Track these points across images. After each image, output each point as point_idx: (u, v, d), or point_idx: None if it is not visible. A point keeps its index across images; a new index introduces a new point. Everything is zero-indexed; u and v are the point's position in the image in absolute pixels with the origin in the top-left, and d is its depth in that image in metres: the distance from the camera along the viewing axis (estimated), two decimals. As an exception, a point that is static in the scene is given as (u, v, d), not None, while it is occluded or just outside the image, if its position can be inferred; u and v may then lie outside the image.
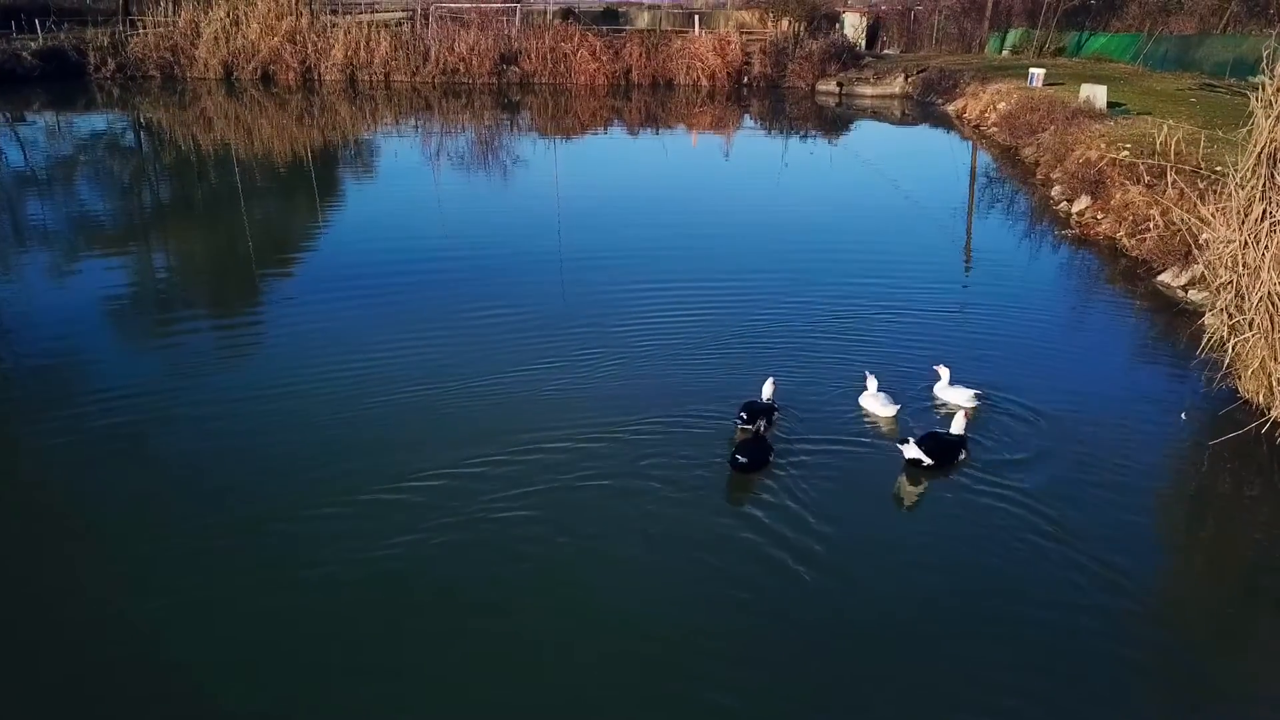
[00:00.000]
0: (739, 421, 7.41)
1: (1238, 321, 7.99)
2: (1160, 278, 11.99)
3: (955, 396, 8.19)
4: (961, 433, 7.29)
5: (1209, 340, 8.83)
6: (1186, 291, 11.31)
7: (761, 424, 7.27)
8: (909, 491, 6.95)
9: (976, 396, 8.15)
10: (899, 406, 8.00)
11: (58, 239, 14.06)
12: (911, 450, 6.93)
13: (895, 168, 21.91)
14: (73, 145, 23.65)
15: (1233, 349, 8.10)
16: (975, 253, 14.39)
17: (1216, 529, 6.90)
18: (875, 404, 7.97)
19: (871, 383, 8.10)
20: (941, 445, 7.09)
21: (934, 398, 8.38)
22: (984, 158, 23.29)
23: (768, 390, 7.78)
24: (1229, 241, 7.89)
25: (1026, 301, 11.53)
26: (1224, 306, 8.05)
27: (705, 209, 16.84)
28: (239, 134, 25.80)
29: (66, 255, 13.13)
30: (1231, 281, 7.87)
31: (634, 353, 9.34)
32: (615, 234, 14.76)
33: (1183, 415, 8.35)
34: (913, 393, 8.49)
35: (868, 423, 7.94)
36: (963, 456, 7.24)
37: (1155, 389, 9.00)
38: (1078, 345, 10.20)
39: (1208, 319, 9.86)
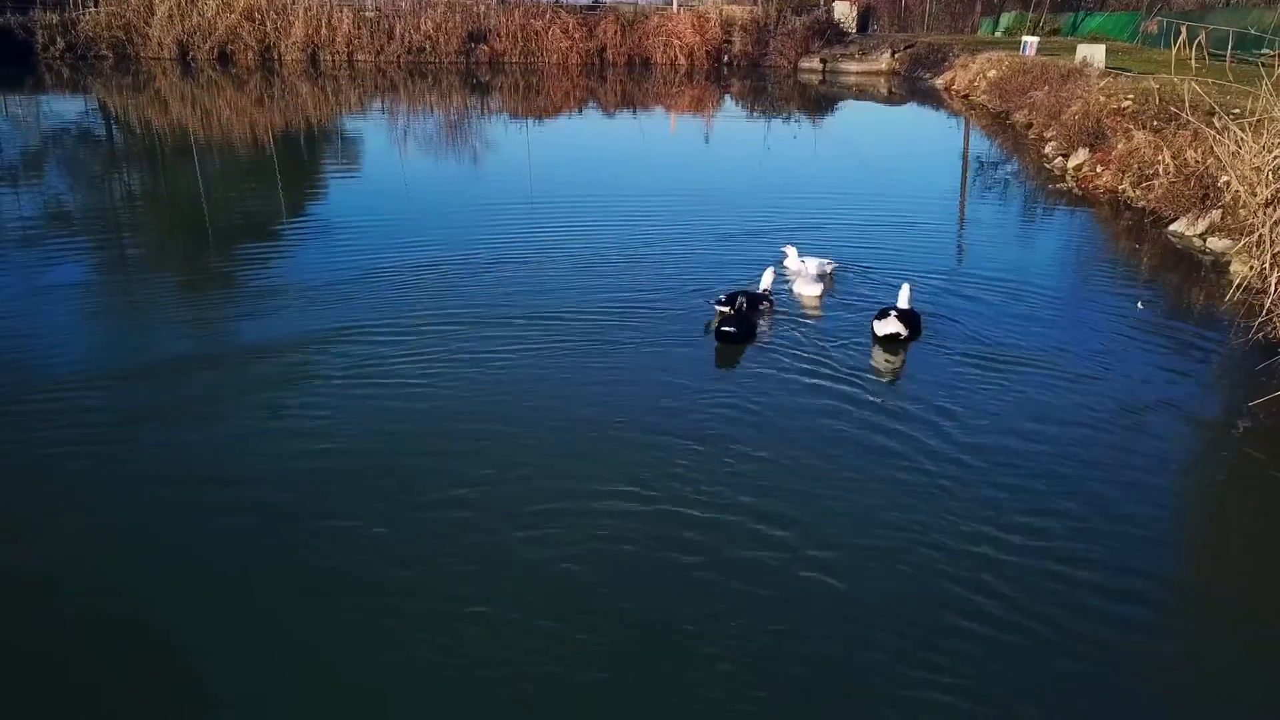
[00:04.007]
0: (715, 304, 7.38)
1: (1281, 251, 6.33)
2: (1172, 227, 10.33)
3: (811, 266, 8.41)
4: (908, 305, 7.17)
5: (1240, 283, 7.18)
6: (1205, 240, 9.65)
7: (742, 302, 7.15)
8: (886, 368, 6.69)
9: (829, 263, 8.52)
10: (820, 289, 8.08)
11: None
12: (890, 325, 6.86)
13: (880, 145, 20.29)
14: (18, 127, 21.76)
15: (1276, 287, 6.42)
16: (966, 220, 12.63)
17: (1258, 505, 5.22)
18: (803, 286, 8.11)
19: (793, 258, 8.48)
20: (910, 317, 7.00)
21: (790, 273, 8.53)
22: (973, 127, 21.64)
23: (766, 280, 7.86)
24: (1270, 150, 6.22)
25: (1024, 265, 9.59)
26: (1265, 233, 6.38)
27: (686, 189, 14.73)
28: (195, 116, 23.95)
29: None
30: (1277, 199, 6.19)
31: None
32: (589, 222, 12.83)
33: (1139, 304, 8.03)
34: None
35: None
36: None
37: (1178, 347, 7.30)
38: (1084, 307, 8.36)
39: (1235, 263, 8.24)
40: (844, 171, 16.04)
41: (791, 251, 8.67)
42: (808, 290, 8.09)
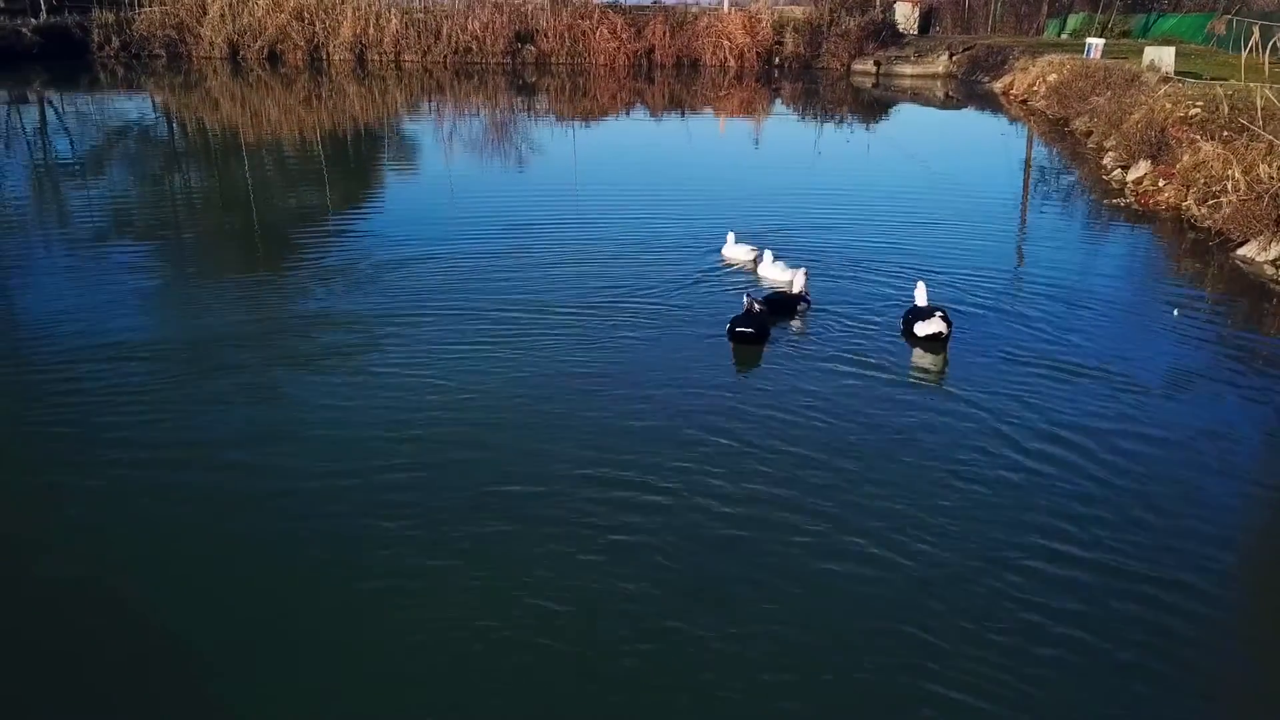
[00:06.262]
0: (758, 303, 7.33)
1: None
2: (1241, 251, 9.32)
3: (740, 254, 9.13)
4: (925, 302, 7.11)
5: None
6: (1278, 268, 8.65)
7: (753, 303, 7.09)
8: (930, 368, 6.66)
9: (751, 250, 9.08)
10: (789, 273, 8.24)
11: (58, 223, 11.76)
12: (935, 324, 6.78)
13: (933, 151, 19.27)
14: (74, 124, 21.73)
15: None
16: (1020, 233, 11.63)
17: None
18: (773, 267, 8.65)
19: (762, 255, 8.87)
20: (947, 316, 6.92)
21: (723, 258, 9.22)
22: (1031, 133, 20.50)
23: (799, 282, 7.88)
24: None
25: (1076, 290, 8.57)
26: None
27: (734, 192, 13.92)
28: (244, 116, 23.81)
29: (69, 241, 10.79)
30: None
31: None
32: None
33: (1175, 312, 7.73)
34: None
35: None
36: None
37: (1243, 389, 6.37)
38: (1143, 339, 7.41)
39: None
40: (894, 176, 15.55)
41: (731, 238, 9.35)
42: (781, 275, 8.52)
